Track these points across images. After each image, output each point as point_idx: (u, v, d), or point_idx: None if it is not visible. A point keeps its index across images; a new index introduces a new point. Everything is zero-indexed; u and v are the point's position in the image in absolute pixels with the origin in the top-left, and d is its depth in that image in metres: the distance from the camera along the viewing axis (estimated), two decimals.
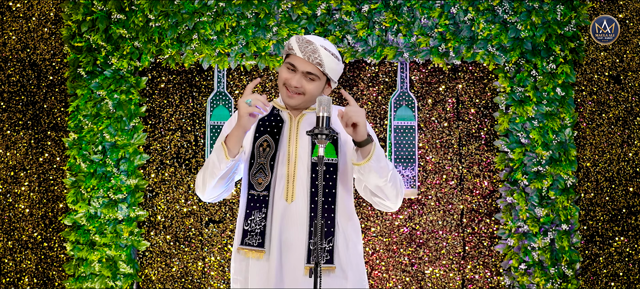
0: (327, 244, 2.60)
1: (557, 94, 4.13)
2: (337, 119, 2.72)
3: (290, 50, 2.65)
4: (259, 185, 2.63)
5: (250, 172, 2.65)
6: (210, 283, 4.21)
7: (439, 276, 4.24)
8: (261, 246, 2.59)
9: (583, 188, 4.27)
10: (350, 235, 2.67)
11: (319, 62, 2.63)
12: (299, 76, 2.63)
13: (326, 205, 2.62)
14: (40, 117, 4.24)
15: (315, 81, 2.65)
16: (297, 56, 2.63)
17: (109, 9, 4.06)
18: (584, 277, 4.25)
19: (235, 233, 2.69)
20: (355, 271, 2.66)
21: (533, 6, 4.11)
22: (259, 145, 2.66)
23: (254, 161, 2.65)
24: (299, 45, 2.64)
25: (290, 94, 2.64)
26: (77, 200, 4.07)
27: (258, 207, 2.62)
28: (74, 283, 4.07)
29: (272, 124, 2.69)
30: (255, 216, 2.62)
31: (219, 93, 4.22)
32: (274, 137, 2.66)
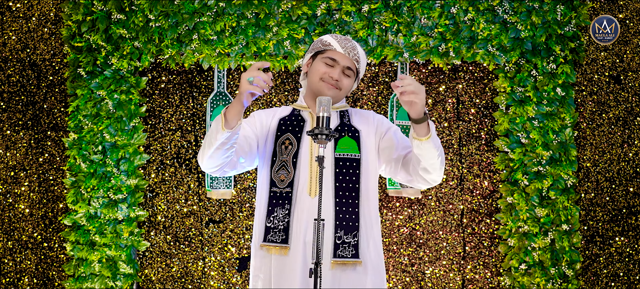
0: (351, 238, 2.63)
1: (557, 94, 4.13)
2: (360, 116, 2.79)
3: (327, 47, 2.72)
4: (281, 182, 2.67)
5: (272, 170, 2.69)
6: (210, 283, 4.21)
7: (439, 276, 4.24)
8: (285, 242, 2.62)
9: (583, 188, 4.27)
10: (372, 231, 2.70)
11: (357, 59, 2.71)
12: (339, 70, 2.69)
13: (349, 200, 2.65)
14: (40, 117, 4.24)
15: (350, 78, 2.74)
16: (337, 51, 2.70)
17: (109, 9, 4.06)
18: (585, 277, 4.25)
19: (255, 231, 2.72)
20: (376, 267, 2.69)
21: (533, 6, 4.10)
22: (281, 143, 2.70)
23: (276, 159, 2.69)
24: (338, 41, 2.72)
25: (330, 86, 2.69)
26: (77, 200, 4.07)
27: (281, 204, 2.65)
28: (74, 283, 4.07)
29: (293, 124, 2.74)
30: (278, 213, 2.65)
31: (219, 93, 4.22)
32: (296, 135, 2.71)
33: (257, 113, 2.81)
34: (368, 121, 2.77)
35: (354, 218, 2.64)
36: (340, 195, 2.64)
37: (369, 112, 2.82)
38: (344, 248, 2.62)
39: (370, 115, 2.81)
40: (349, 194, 2.65)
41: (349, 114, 2.79)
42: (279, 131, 2.73)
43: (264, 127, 2.77)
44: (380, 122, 2.79)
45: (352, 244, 2.63)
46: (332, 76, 2.69)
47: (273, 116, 2.79)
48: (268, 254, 2.65)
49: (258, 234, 2.70)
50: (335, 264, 2.60)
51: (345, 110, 2.80)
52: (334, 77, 2.68)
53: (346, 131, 2.72)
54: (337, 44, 2.71)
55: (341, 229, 2.63)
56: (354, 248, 2.63)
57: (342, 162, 2.67)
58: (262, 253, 2.67)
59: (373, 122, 2.78)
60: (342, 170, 2.66)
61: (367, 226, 2.68)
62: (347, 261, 2.61)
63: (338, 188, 2.65)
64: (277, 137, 2.72)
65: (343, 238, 2.62)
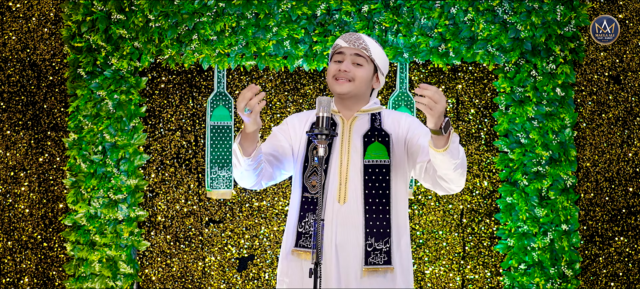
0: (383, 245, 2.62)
1: (557, 94, 4.13)
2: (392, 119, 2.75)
3: (335, 47, 2.72)
4: (313, 188, 2.66)
5: (304, 175, 2.68)
6: (211, 283, 4.21)
7: (439, 276, 4.24)
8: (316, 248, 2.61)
9: (583, 188, 4.27)
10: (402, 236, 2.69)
11: (364, 47, 2.68)
12: (347, 61, 2.68)
13: (381, 206, 2.63)
14: (40, 117, 4.25)
15: (363, 67, 2.69)
16: (343, 46, 2.69)
17: (109, 9, 4.06)
18: (584, 277, 4.25)
19: (287, 235, 2.70)
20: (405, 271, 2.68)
21: (533, 6, 4.11)
22: (312, 148, 2.69)
23: (307, 165, 2.68)
24: (342, 38, 2.72)
25: (341, 81, 2.67)
26: (77, 200, 4.07)
27: (312, 210, 2.64)
28: (74, 283, 4.08)
29: None
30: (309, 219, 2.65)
31: (219, 93, 4.22)
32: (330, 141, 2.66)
33: (289, 119, 2.80)
34: (399, 124, 2.74)
35: (385, 224, 2.63)
36: (371, 202, 2.63)
37: (402, 114, 2.78)
38: (375, 255, 2.61)
39: (402, 117, 2.76)
40: (379, 200, 2.64)
41: (381, 117, 2.75)
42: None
43: (297, 133, 2.75)
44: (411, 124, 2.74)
45: (384, 251, 2.62)
46: (340, 69, 2.67)
47: (306, 121, 2.77)
48: (299, 259, 2.65)
49: (290, 239, 2.69)
50: (367, 272, 2.59)
51: (377, 113, 2.76)
52: (342, 69, 2.66)
53: (376, 136, 2.69)
54: (341, 40, 2.71)
55: (372, 236, 2.61)
56: (386, 254, 2.62)
57: (371, 169, 2.65)
58: (292, 258, 2.67)
59: (404, 125, 2.73)
60: (371, 177, 2.64)
61: (400, 231, 2.67)
62: (379, 267, 2.60)
63: (368, 195, 2.63)
64: (308, 142, 2.70)
65: (374, 245, 2.61)
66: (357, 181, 2.65)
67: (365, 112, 2.74)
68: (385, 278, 2.62)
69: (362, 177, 2.64)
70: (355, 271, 2.59)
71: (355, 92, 2.71)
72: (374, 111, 2.75)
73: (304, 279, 2.63)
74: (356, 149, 2.68)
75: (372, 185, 2.64)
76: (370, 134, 2.69)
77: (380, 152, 2.67)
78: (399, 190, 2.70)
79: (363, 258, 2.60)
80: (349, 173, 2.66)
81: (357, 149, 2.68)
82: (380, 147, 2.68)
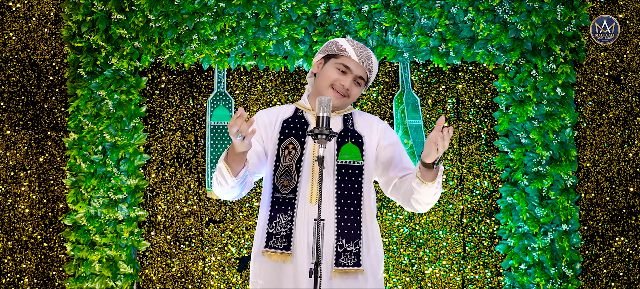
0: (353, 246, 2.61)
1: (557, 94, 4.13)
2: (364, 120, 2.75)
3: (342, 52, 2.66)
4: (284, 188, 2.63)
5: (275, 175, 2.64)
6: (211, 283, 4.21)
7: (439, 276, 4.24)
8: (287, 249, 2.58)
9: (583, 188, 4.27)
10: (372, 238, 2.67)
11: (370, 69, 2.68)
12: (351, 78, 2.66)
13: (352, 207, 2.62)
14: (41, 117, 4.25)
15: (360, 86, 2.70)
16: (352, 59, 2.65)
17: (109, 9, 4.06)
18: (584, 277, 4.25)
19: (257, 236, 2.68)
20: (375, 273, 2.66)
21: (533, 6, 4.10)
22: (284, 147, 2.66)
23: (279, 164, 2.65)
24: (353, 48, 2.66)
25: (339, 96, 2.66)
26: (77, 200, 4.07)
27: (283, 210, 2.62)
28: (74, 283, 4.08)
29: (296, 127, 2.69)
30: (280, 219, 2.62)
31: (219, 93, 4.22)
32: (299, 139, 2.66)
33: (259, 118, 2.74)
34: (371, 127, 2.73)
35: (356, 225, 2.61)
36: (342, 203, 2.61)
37: (373, 118, 2.78)
38: (345, 256, 2.59)
39: (374, 121, 2.76)
40: (351, 201, 2.62)
41: (352, 118, 2.74)
42: (282, 134, 2.67)
43: (268, 133, 2.72)
44: (384, 132, 2.75)
45: (354, 253, 2.60)
46: (343, 84, 2.64)
47: (276, 118, 2.73)
48: (269, 260, 2.62)
49: (260, 240, 2.66)
50: (337, 273, 2.57)
51: (349, 113, 2.75)
52: (345, 86, 2.64)
53: (350, 137, 2.68)
54: (352, 51, 2.66)
55: (343, 238, 2.59)
56: (356, 256, 2.60)
57: (344, 170, 2.63)
58: (263, 259, 2.64)
59: (376, 130, 2.73)
60: (344, 177, 2.62)
61: (369, 233, 2.66)
62: (349, 269, 2.58)
63: (340, 196, 2.61)
64: (280, 141, 2.67)
65: (345, 246, 2.59)
66: (329, 182, 2.63)
67: (339, 113, 2.73)
68: (356, 280, 2.59)
69: (334, 177, 2.63)
70: (326, 272, 2.57)
71: (345, 107, 2.72)
72: (346, 112, 2.74)
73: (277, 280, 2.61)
74: (329, 149, 2.65)
75: (345, 186, 2.62)
76: (343, 134, 2.68)
77: (353, 153, 2.65)
78: (370, 192, 2.69)
79: (334, 258, 2.58)
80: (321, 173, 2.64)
81: (330, 149, 2.65)
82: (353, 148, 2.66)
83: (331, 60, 2.68)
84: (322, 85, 2.67)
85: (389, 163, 2.70)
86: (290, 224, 2.60)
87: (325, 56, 2.71)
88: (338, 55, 2.67)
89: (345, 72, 2.65)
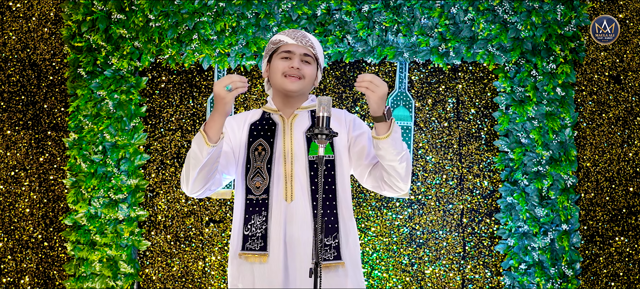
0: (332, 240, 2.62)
1: (557, 94, 4.13)
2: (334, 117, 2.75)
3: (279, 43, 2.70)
4: (257, 189, 2.65)
5: (247, 177, 2.67)
6: (211, 283, 4.22)
7: (439, 276, 4.24)
8: (264, 250, 2.60)
9: (583, 188, 4.27)
10: (349, 231, 2.69)
11: (311, 45, 2.70)
12: (297, 59, 2.68)
13: (327, 202, 2.64)
14: (41, 117, 4.25)
15: (310, 64, 2.71)
16: (290, 43, 2.68)
17: (109, 9, 4.06)
18: (584, 277, 4.25)
19: (233, 239, 2.69)
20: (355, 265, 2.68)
21: (533, 6, 4.11)
22: (254, 149, 2.68)
23: (250, 166, 2.67)
24: (286, 34, 2.71)
25: (292, 79, 2.67)
26: (78, 200, 4.07)
27: (258, 211, 2.63)
28: (75, 283, 4.08)
29: (265, 128, 2.71)
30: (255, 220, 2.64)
31: None
32: (268, 140, 2.68)
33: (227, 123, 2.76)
34: (340, 120, 2.74)
35: (333, 219, 2.63)
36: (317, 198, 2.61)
37: (341, 111, 2.79)
38: (325, 251, 2.61)
39: (342, 114, 2.78)
40: (326, 196, 2.64)
41: None
42: (251, 137, 2.70)
43: (236, 135, 2.74)
44: (353, 123, 2.76)
45: (333, 246, 2.62)
46: (291, 66, 2.66)
47: (244, 122, 2.76)
48: (247, 262, 2.64)
49: (236, 243, 2.68)
50: None
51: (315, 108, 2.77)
52: (294, 66, 2.66)
53: None
54: (287, 37, 2.70)
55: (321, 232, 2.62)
56: (335, 249, 2.62)
57: (316, 165, 2.64)
58: (240, 261, 2.66)
59: (345, 122, 2.75)
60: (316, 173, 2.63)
61: (346, 226, 2.67)
62: (330, 263, 2.60)
63: (314, 191, 2.62)
64: (249, 143, 2.69)
65: (324, 241, 2.61)
66: (302, 178, 2.64)
67: (305, 109, 2.75)
68: (337, 273, 2.61)
69: (307, 174, 2.64)
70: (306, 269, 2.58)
71: (304, 90, 2.72)
72: (312, 107, 2.76)
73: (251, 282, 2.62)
74: (299, 146, 2.67)
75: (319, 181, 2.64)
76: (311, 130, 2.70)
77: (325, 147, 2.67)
78: (344, 185, 2.70)
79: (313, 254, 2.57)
80: (294, 170, 2.65)
81: (301, 146, 2.67)
82: None
83: (273, 56, 2.73)
84: (276, 79, 2.70)
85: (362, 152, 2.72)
86: (265, 225, 2.62)
87: (268, 59, 2.75)
88: (277, 48, 2.71)
89: (290, 57, 2.69)
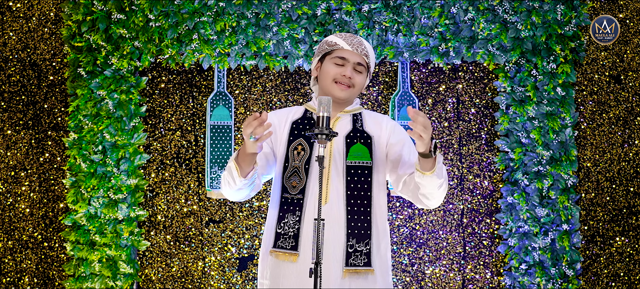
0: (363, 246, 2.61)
1: (557, 93, 4.13)
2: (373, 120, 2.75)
3: (334, 47, 2.69)
4: (293, 188, 2.64)
5: (284, 176, 2.66)
6: (211, 283, 4.21)
7: (439, 276, 4.24)
8: (294, 249, 2.60)
9: (584, 188, 4.27)
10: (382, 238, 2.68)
11: (366, 54, 2.69)
12: (350, 67, 2.67)
13: (362, 208, 2.63)
14: (41, 117, 4.25)
15: (362, 74, 2.71)
16: (345, 49, 2.67)
17: (109, 9, 4.06)
18: (585, 277, 4.25)
19: (265, 236, 2.70)
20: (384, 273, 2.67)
21: (533, 6, 4.10)
22: (293, 149, 2.68)
23: (288, 165, 2.66)
24: (343, 39, 2.69)
25: (343, 87, 2.67)
26: (77, 200, 4.07)
27: (292, 211, 2.63)
28: (74, 283, 4.08)
29: (306, 127, 2.71)
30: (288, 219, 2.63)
31: (219, 93, 4.22)
32: (309, 140, 2.67)
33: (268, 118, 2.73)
34: (381, 126, 2.74)
35: (366, 226, 2.62)
36: (352, 203, 2.62)
37: (383, 117, 2.78)
38: (356, 256, 2.60)
39: (384, 120, 2.77)
40: (361, 202, 2.63)
41: (362, 118, 2.75)
42: (292, 135, 2.69)
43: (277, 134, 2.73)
44: (393, 130, 2.75)
45: (364, 253, 2.61)
46: (344, 75, 2.66)
47: (286, 119, 2.76)
48: (277, 260, 2.63)
49: (268, 240, 2.68)
50: (347, 273, 2.58)
51: (358, 113, 2.76)
52: (347, 75, 2.66)
53: (358, 138, 2.69)
54: (343, 42, 2.69)
55: (353, 238, 2.60)
56: (366, 256, 2.61)
57: (353, 170, 2.64)
58: (270, 258, 2.66)
59: (386, 128, 2.74)
60: (353, 178, 2.64)
61: (380, 233, 2.66)
62: (360, 269, 2.59)
63: (349, 196, 2.62)
64: (289, 142, 2.69)
65: (355, 247, 2.60)
66: (339, 182, 2.64)
67: (348, 113, 2.74)
68: (366, 280, 2.60)
69: (344, 178, 2.64)
70: (336, 272, 2.58)
71: (352, 98, 2.73)
72: (355, 111, 2.75)
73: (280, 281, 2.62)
74: (339, 150, 2.67)
75: (354, 186, 2.63)
76: (352, 135, 2.69)
77: (362, 153, 2.66)
78: (381, 192, 2.69)
79: (344, 258, 2.59)
80: (331, 174, 2.65)
81: (340, 150, 2.67)
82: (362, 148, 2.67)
83: (326, 58, 2.71)
84: (326, 83, 2.70)
85: (398, 161, 2.71)
86: (298, 225, 2.62)
87: (320, 58, 2.73)
88: (331, 51, 2.70)
89: (343, 64, 2.68)
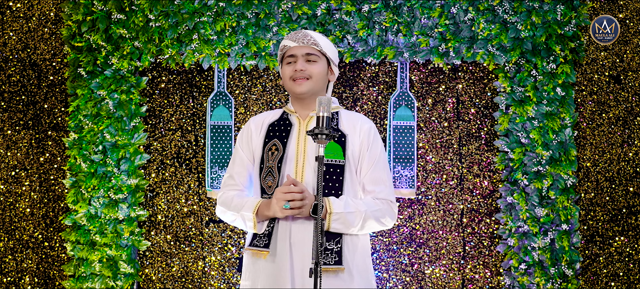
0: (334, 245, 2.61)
1: (557, 94, 4.13)
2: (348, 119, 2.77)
3: (284, 49, 2.75)
4: (269, 188, 2.67)
5: (261, 177, 2.70)
6: (211, 283, 4.22)
7: (439, 276, 4.24)
8: (267, 247, 2.62)
9: (583, 188, 4.27)
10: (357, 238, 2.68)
11: (314, 42, 2.71)
12: (301, 60, 2.69)
13: None
14: (41, 117, 4.25)
15: (317, 63, 2.72)
16: (292, 46, 2.71)
17: (109, 9, 4.06)
18: (584, 277, 4.25)
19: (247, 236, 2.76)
20: (361, 271, 2.67)
21: (533, 6, 4.11)
22: (268, 149, 2.70)
23: (263, 166, 2.69)
24: (290, 38, 2.74)
25: (299, 81, 2.70)
26: (78, 200, 4.07)
27: None
28: (75, 283, 4.08)
29: (281, 128, 2.73)
30: None
31: (219, 93, 4.23)
32: (283, 140, 2.69)
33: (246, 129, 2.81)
34: (355, 127, 2.74)
35: None
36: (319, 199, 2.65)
37: (358, 117, 2.79)
38: (326, 255, 2.60)
39: (359, 121, 2.77)
40: None
41: (338, 117, 2.76)
42: (267, 137, 2.73)
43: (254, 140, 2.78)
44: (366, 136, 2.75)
45: (335, 251, 2.61)
46: (295, 70, 2.69)
47: (262, 123, 2.79)
48: (253, 257, 2.68)
49: (248, 237, 2.74)
50: None
51: (334, 112, 2.77)
52: (298, 69, 2.68)
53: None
54: (289, 41, 2.73)
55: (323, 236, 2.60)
56: (337, 254, 2.61)
57: (325, 168, 2.64)
58: (247, 256, 2.72)
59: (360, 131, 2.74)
60: (325, 176, 2.64)
61: None
62: (330, 268, 2.59)
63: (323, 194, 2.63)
64: (265, 143, 2.72)
65: (325, 244, 2.61)
66: (311, 180, 2.65)
67: None
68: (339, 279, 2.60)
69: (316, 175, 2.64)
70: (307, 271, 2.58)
71: (315, 90, 2.73)
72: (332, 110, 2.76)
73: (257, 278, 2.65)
74: (311, 148, 2.68)
75: (326, 184, 2.63)
76: None
77: (335, 152, 2.67)
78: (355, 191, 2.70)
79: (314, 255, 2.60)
80: (304, 172, 2.66)
81: (313, 148, 2.67)
82: (335, 147, 2.67)
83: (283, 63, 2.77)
84: (287, 85, 2.75)
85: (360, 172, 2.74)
86: (272, 223, 2.64)
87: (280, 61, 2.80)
88: (283, 54, 2.76)
89: (293, 61, 2.71)
